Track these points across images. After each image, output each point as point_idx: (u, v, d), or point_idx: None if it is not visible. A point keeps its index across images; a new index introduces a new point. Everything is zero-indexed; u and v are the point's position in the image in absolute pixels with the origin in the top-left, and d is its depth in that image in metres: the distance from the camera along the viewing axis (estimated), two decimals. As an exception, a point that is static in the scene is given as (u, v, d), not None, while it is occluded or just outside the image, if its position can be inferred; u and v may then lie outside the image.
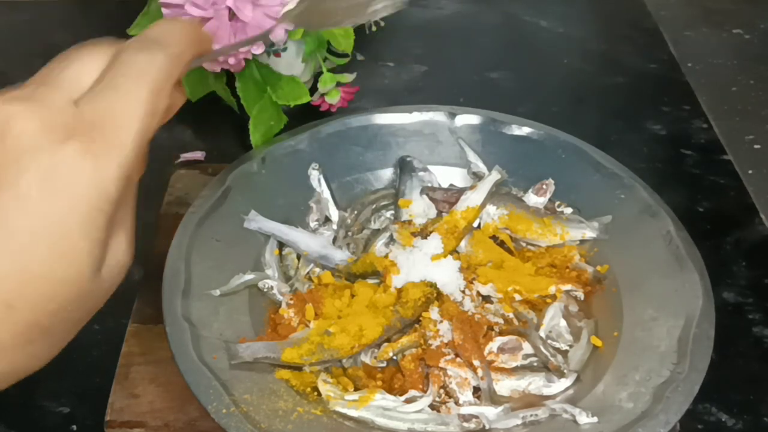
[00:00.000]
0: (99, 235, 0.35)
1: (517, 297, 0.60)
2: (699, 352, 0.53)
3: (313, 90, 0.76)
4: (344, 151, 0.69)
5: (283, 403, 0.52)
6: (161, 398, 0.55)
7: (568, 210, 0.66)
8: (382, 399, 0.53)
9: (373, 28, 0.84)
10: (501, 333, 0.58)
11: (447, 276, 0.60)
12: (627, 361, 0.55)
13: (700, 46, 0.98)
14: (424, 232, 0.63)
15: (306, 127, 0.69)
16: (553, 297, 0.60)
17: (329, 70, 0.75)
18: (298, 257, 0.64)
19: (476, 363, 0.55)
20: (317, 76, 0.76)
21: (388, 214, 0.68)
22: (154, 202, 0.70)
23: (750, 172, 0.80)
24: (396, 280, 0.59)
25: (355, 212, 0.67)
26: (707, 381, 0.51)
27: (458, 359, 0.55)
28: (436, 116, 0.71)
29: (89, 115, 0.34)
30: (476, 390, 0.55)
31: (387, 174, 0.70)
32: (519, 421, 0.52)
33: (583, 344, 0.57)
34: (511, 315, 0.59)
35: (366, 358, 0.57)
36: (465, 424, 0.52)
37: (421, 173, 0.68)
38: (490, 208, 0.65)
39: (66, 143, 0.33)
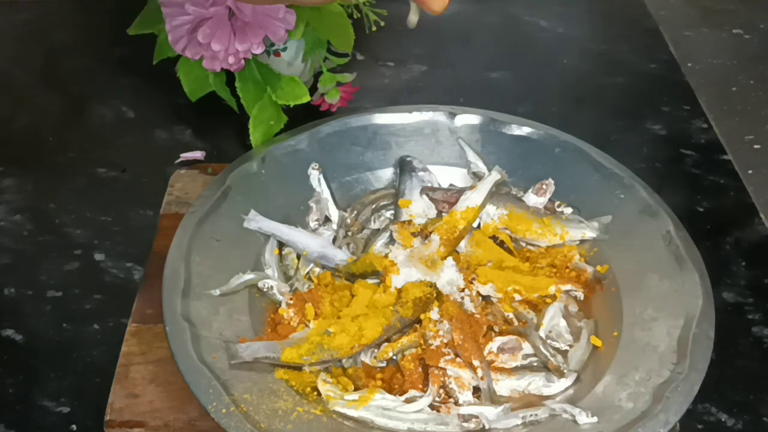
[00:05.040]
0: None
1: (517, 297, 0.60)
2: (699, 352, 0.53)
3: (313, 90, 0.76)
4: (344, 151, 0.69)
5: (283, 402, 0.52)
6: (161, 398, 0.55)
7: (568, 210, 0.66)
8: (381, 399, 0.53)
9: (373, 28, 0.84)
10: (501, 333, 0.58)
11: (447, 276, 0.60)
12: (627, 361, 0.55)
13: (700, 46, 0.99)
14: (424, 232, 0.63)
15: (306, 127, 0.69)
16: (553, 297, 0.60)
17: (329, 70, 0.75)
18: (298, 257, 0.64)
19: (476, 363, 0.55)
20: (317, 76, 0.76)
21: (388, 214, 0.68)
22: (154, 202, 0.70)
23: (750, 172, 0.80)
24: (396, 280, 0.59)
25: (355, 212, 0.67)
26: (707, 381, 0.51)
27: (458, 359, 0.55)
28: (436, 116, 0.71)
29: None
30: (476, 390, 0.55)
31: (387, 174, 0.70)
32: (519, 421, 0.52)
33: (583, 344, 0.57)
34: (511, 315, 0.59)
35: (366, 358, 0.57)
36: (465, 424, 0.52)
37: (421, 173, 0.68)
38: (490, 208, 0.65)
39: None
